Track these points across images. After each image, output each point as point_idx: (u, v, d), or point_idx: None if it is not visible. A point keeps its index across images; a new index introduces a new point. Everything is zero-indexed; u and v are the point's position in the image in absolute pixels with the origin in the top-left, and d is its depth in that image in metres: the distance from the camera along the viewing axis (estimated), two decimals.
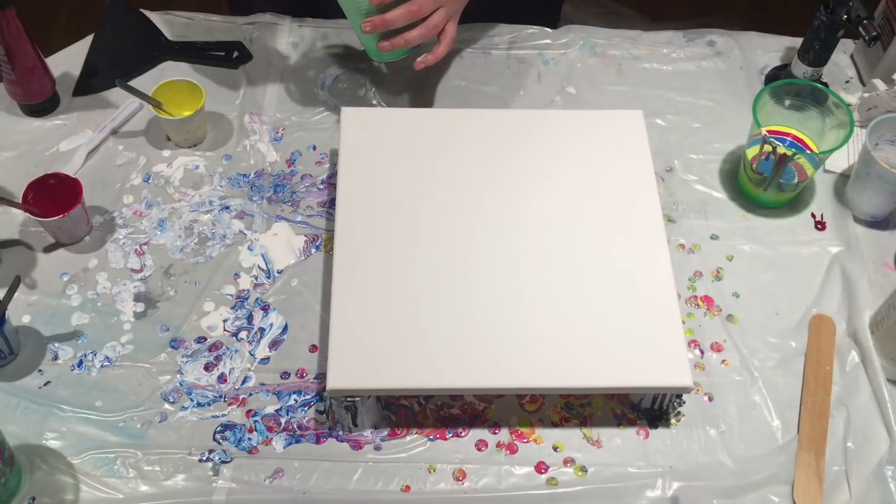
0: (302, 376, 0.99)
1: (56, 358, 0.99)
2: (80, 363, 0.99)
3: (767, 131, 1.07)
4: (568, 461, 0.94)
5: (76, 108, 1.19)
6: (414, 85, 1.23)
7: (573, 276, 0.97)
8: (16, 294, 0.96)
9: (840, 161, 1.17)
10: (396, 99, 1.22)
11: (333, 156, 1.15)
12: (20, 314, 1.01)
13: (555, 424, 0.97)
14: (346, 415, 0.94)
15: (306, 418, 0.96)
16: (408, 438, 0.95)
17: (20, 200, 1.04)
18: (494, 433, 0.96)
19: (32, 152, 1.15)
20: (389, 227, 1.00)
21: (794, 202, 1.14)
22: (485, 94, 1.23)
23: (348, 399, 0.92)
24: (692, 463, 0.95)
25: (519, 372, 0.91)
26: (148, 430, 0.95)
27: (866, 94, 1.18)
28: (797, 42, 1.25)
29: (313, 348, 1.01)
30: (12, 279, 0.96)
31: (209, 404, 0.97)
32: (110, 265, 1.06)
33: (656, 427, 0.97)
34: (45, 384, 0.97)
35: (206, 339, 1.01)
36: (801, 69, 1.19)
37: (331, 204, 1.11)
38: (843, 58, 1.29)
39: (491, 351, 0.92)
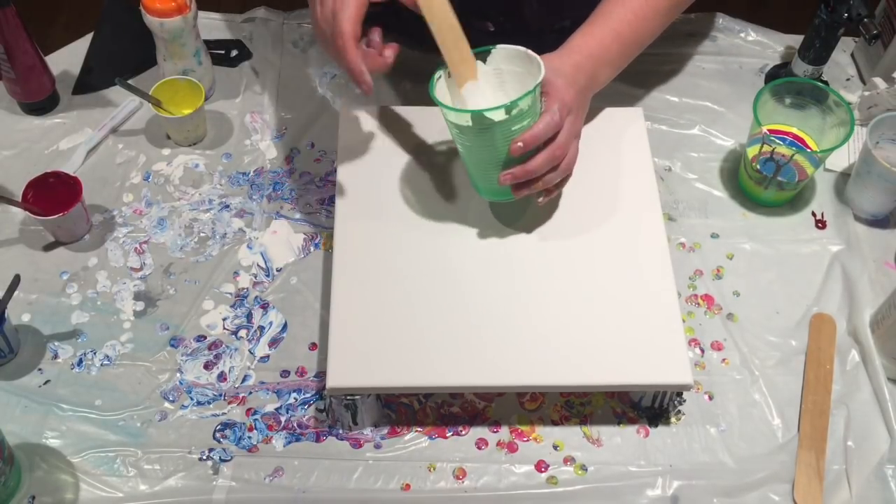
0: (302, 375, 0.99)
1: (56, 357, 0.99)
2: (80, 362, 0.99)
3: (768, 130, 1.07)
4: (568, 460, 0.94)
5: (76, 107, 1.19)
6: (413, 83, 1.23)
7: (573, 274, 0.97)
8: (16, 293, 0.96)
9: (841, 160, 1.17)
10: (395, 97, 1.22)
11: (332, 153, 1.15)
12: (20, 313, 1.01)
13: (555, 423, 0.97)
14: (345, 413, 0.94)
15: (306, 417, 0.96)
16: (408, 437, 0.95)
17: (20, 199, 1.03)
18: (495, 432, 0.96)
19: (32, 151, 1.15)
20: (388, 225, 0.99)
21: (794, 201, 1.14)
22: None
23: (348, 397, 0.92)
24: (692, 462, 0.95)
25: (519, 370, 0.91)
26: (148, 429, 0.95)
27: (867, 93, 1.18)
28: (797, 40, 1.24)
29: (313, 346, 1.01)
30: (12, 278, 0.96)
31: (209, 403, 0.97)
32: (110, 264, 1.06)
33: (656, 426, 0.97)
34: (45, 383, 0.97)
35: (205, 337, 1.01)
36: (801, 67, 1.19)
37: (329, 201, 1.11)
38: (843, 56, 1.29)
39: (491, 349, 0.92)
